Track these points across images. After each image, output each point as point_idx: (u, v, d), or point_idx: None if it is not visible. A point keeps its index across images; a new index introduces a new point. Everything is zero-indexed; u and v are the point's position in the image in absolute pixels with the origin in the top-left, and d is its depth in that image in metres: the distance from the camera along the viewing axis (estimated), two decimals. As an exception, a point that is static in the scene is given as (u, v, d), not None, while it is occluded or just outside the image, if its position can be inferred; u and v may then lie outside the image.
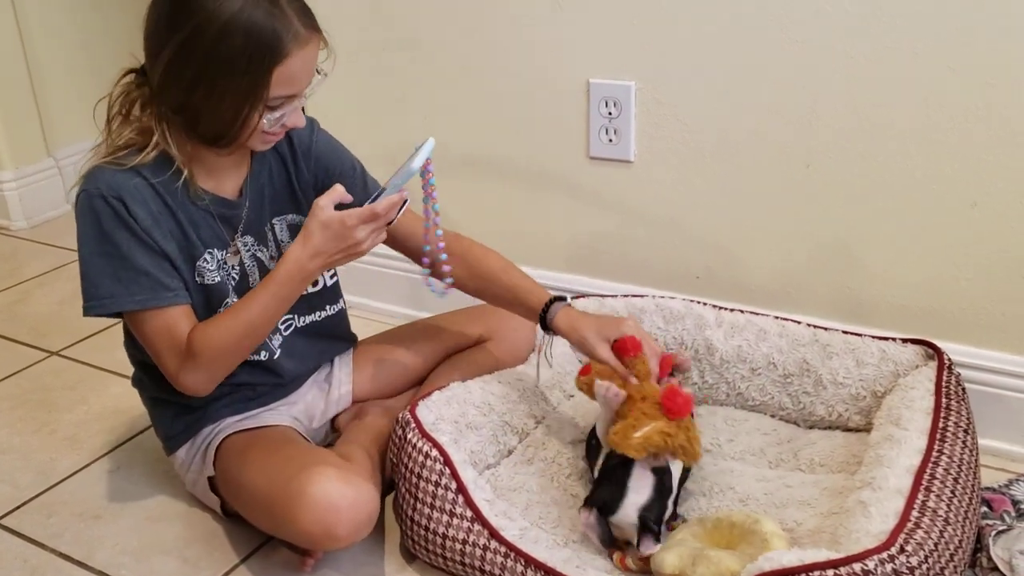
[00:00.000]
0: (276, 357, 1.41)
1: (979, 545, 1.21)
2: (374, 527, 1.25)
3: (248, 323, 1.27)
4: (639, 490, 1.23)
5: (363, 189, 1.43)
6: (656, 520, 1.22)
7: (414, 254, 1.45)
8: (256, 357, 1.39)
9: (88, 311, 1.27)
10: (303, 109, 1.29)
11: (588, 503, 1.27)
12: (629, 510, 1.22)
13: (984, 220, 1.43)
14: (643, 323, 1.62)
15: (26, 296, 2.27)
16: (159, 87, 1.22)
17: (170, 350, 1.28)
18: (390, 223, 1.26)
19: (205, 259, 1.32)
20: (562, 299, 1.40)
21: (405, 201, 1.26)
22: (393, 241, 1.45)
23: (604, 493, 1.25)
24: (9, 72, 2.62)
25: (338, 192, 1.24)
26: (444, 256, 1.38)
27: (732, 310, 1.60)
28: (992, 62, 1.35)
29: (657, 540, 1.21)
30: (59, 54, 2.70)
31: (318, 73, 1.26)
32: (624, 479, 1.24)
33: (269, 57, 1.17)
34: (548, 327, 1.39)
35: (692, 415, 1.30)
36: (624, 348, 1.33)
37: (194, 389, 1.30)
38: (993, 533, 1.22)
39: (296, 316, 1.44)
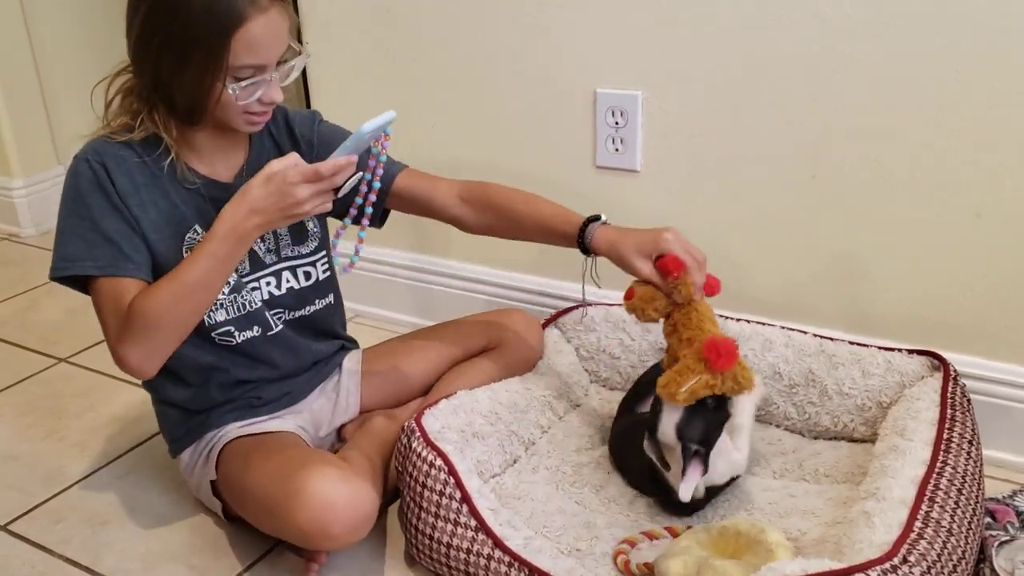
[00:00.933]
0: (271, 333, 1.41)
1: (982, 556, 1.21)
2: (379, 535, 1.26)
3: (184, 285, 1.22)
4: (672, 408, 1.27)
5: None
6: (700, 440, 1.26)
7: (426, 209, 1.48)
8: (250, 333, 1.39)
9: (53, 272, 1.27)
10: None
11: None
12: (667, 429, 1.27)
13: (989, 230, 1.43)
14: (650, 333, 1.62)
15: (35, 303, 2.29)
16: (134, 63, 1.26)
17: (113, 321, 1.25)
18: (337, 190, 1.24)
19: (196, 229, 1.32)
20: (597, 218, 1.38)
21: (358, 176, 1.26)
22: (400, 202, 1.47)
23: (649, 416, 1.32)
24: (19, 80, 2.64)
25: (292, 158, 1.22)
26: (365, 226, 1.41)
27: (738, 320, 1.60)
28: (996, 66, 1.35)
29: (704, 468, 1.27)
30: (69, 62, 2.72)
31: (300, 49, 1.27)
32: (660, 400, 1.29)
33: (227, 22, 1.17)
34: (588, 250, 1.38)
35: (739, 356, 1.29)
36: (666, 268, 1.30)
37: (134, 366, 1.25)
38: (996, 544, 1.22)
39: (285, 311, 1.44)
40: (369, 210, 1.42)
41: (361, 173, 1.31)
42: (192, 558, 1.38)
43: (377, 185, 1.39)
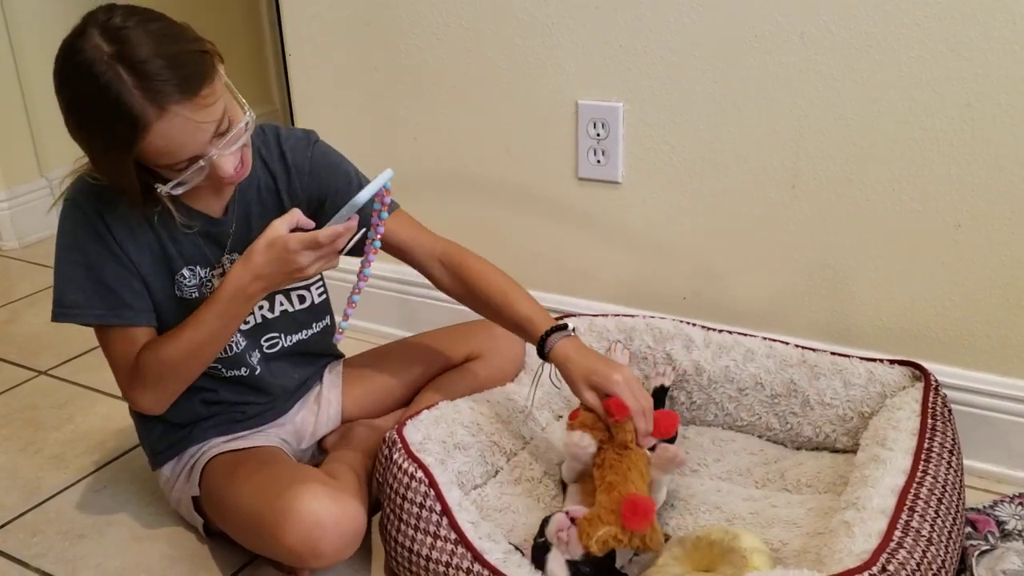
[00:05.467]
0: (258, 373, 1.41)
1: (963, 565, 1.21)
2: (360, 547, 1.25)
3: (193, 343, 1.27)
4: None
5: None
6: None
7: (402, 258, 1.45)
8: (235, 373, 1.39)
9: (55, 317, 1.29)
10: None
11: None
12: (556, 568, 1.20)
13: (968, 241, 1.44)
14: (633, 342, 1.62)
15: (16, 315, 2.27)
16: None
17: (123, 367, 1.30)
18: (341, 251, 1.24)
19: (183, 274, 1.31)
20: (563, 327, 1.35)
21: (361, 232, 1.25)
22: (389, 248, 1.45)
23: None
24: (2, 92, 2.63)
25: (295, 216, 1.22)
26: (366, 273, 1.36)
27: (720, 331, 1.60)
28: (973, 83, 1.36)
29: None
30: (52, 75, 2.71)
31: (242, 107, 1.20)
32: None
33: (127, 134, 1.11)
34: (545, 357, 1.35)
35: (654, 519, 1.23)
36: (609, 410, 1.29)
37: (146, 408, 1.33)
38: (977, 553, 1.22)
39: (283, 335, 1.44)
40: (368, 272, 1.35)
41: (364, 229, 1.28)
42: (169, 571, 1.37)
43: (378, 245, 1.34)
